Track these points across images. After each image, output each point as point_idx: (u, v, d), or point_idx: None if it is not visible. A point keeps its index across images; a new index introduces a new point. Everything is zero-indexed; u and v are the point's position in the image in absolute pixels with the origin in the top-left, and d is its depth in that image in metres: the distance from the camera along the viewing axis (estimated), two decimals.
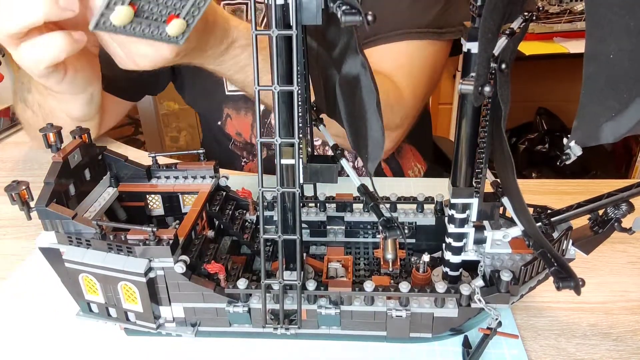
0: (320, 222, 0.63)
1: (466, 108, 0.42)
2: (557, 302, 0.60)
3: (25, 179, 0.49)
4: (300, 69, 0.41)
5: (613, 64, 0.32)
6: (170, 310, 0.53)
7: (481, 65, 0.35)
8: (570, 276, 0.38)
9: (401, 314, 0.50)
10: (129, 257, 0.49)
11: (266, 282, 0.48)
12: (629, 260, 0.67)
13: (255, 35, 0.38)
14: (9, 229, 0.78)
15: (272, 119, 0.50)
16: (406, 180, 0.88)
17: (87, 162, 0.56)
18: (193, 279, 0.50)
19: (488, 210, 0.48)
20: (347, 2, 0.34)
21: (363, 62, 0.39)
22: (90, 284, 0.52)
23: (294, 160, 0.45)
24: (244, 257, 0.60)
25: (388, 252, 0.53)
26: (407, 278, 0.55)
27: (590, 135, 0.35)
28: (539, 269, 0.47)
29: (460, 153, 0.44)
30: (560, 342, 0.55)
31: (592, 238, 0.48)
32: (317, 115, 0.56)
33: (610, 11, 0.31)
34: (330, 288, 0.49)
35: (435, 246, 0.59)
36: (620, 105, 0.33)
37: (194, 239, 0.55)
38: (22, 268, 0.69)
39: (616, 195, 0.45)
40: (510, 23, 0.38)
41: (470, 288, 0.47)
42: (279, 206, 0.45)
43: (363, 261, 0.61)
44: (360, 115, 0.42)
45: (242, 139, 1.06)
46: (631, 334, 0.56)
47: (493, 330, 0.47)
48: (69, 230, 0.50)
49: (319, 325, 0.52)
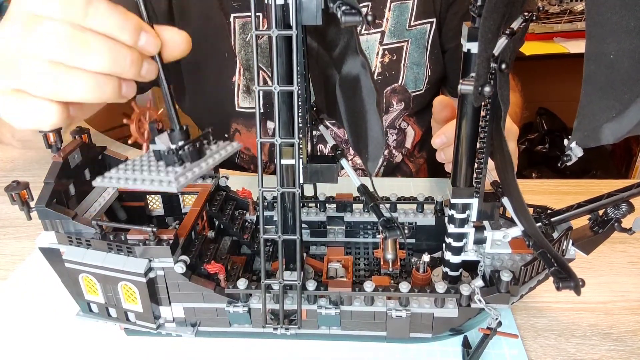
0: (320, 222, 0.63)
1: (466, 108, 0.42)
2: (557, 302, 0.60)
3: (25, 179, 0.49)
4: (300, 69, 0.41)
5: (613, 64, 0.32)
6: (170, 310, 0.53)
7: (481, 66, 0.35)
8: (570, 276, 0.38)
9: (401, 314, 0.50)
10: (129, 257, 0.49)
11: (266, 282, 0.48)
12: (629, 260, 0.67)
13: (255, 35, 0.38)
14: (9, 229, 0.78)
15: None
16: (406, 180, 0.88)
17: (87, 162, 0.56)
18: (193, 279, 0.50)
19: (488, 210, 0.48)
20: (347, 2, 0.34)
21: (363, 62, 0.39)
22: (90, 284, 0.52)
23: (294, 160, 0.45)
24: (244, 257, 0.60)
25: (388, 252, 0.53)
26: (407, 278, 0.55)
27: (590, 136, 0.35)
28: (539, 269, 0.47)
29: (460, 153, 0.44)
30: (560, 342, 0.55)
31: (592, 238, 0.48)
32: (317, 115, 0.56)
33: (610, 11, 0.31)
34: (330, 288, 0.49)
35: (435, 246, 0.59)
36: (621, 105, 0.33)
37: (194, 239, 0.55)
38: (22, 268, 0.69)
39: (616, 195, 0.45)
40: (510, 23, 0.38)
41: (470, 288, 0.47)
42: (279, 206, 0.45)
43: (363, 261, 0.61)
44: (360, 116, 0.42)
45: (250, 153, 1.05)
46: (631, 334, 0.56)
47: (493, 330, 0.47)
48: (69, 230, 0.50)
49: (319, 325, 0.52)
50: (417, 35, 0.91)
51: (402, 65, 0.93)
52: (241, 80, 0.94)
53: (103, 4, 0.41)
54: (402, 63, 0.92)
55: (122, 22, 0.42)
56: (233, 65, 0.93)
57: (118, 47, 0.42)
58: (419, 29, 0.91)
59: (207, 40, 0.93)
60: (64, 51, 0.41)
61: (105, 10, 0.41)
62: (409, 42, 0.92)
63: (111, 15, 0.41)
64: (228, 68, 0.93)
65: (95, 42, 0.41)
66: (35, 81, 0.42)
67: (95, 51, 0.41)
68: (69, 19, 0.40)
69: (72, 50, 0.41)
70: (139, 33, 0.43)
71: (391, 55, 0.92)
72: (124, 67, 0.42)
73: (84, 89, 0.43)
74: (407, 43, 0.92)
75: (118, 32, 0.42)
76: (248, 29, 0.90)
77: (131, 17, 0.42)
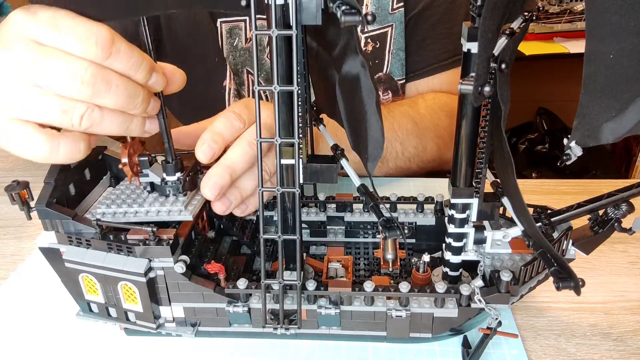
0: (320, 222, 0.63)
1: (466, 108, 0.42)
2: (557, 302, 0.60)
3: (25, 179, 0.49)
4: (300, 69, 0.41)
5: (613, 64, 0.32)
6: (170, 310, 0.53)
7: (481, 65, 0.35)
8: (570, 276, 0.38)
9: (401, 314, 0.50)
10: (129, 257, 0.49)
11: (266, 282, 0.48)
12: (629, 260, 0.67)
13: (255, 35, 0.38)
14: (9, 229, 0.78)
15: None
16: (406, 180, 0.88)
17: (87, 162, 0.56)
18: (193, 279, 0.50)
19: (488, 210, 0.48)
20: (347, 2, 0.34)
21: (363, 62, 0.39)
22: (90, 284, 0.52)
23: (294, 160, 0.45)
24: (244, 257, 0.60)
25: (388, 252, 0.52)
26: (407, 278, 0.55)
27: (590, 135, 0.35)
28: (539, 269, 0.47)
29: (460, 153, 0.44)
30: (560, 342, 0.55)
31: (592, 238, 0.48)
32: (317, 115, 0.56)
33: (610, 11, 0.31)
34: (330, 288, 0.49)
35: (435, 246, 0.59)
36: (620, 105, 0.33)
37: (194, 239, 0.55)
38: (22, 268, 0.69)
39: (616, 195, 0.45)
40: (510, 23, 0.38)
41: (470, 288, 0.47)
42: (278, 206, 0.45)
43: (363, 261, 0.61)
44: (360, 115, 0.41)
45: None
46: (631, 334, 0.56)
47: (493, 330, 0.47)
48: (69, 230, 0.50)
49: (319, 325, 0.52)
50: (401, 19, 0.89)
51: (387, 52, 0.91)
52: (232, 85, 0.94)
53: (124, 45, 0.41)
54: (387, 50, 0.90)
55: (139, 63, 0.43)
56: (223, 69, 0.93)
57: (133, 86, 0.43)
58: (403, 12, 0.89)
59: (196, 45, 0.93)
60: (86, 90, 0.41)
61: (126, 51, 0.41)
62: (393, 26, 0.89)
63: (131, 56, 0.42)
64: (218, 72, 0.93)
65: (115, 82, 0.42)
66: (60, 116, 0.42)
67: (114, 91, 0.42)
68: (91, 58, 0.40)
69: (94, 89, 0.41)
70: (151, 73, 0.44)
71: (374, 43, 0.90)
72: (137, 105, 0.44)
73: (114, 123, 0.44)
74: (391, 28, 0.89)
75: (134, 72, 0.43)
76: (235, 34, 0.90)
77: (146, 58, 0.43)
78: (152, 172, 0.52)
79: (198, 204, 0.52)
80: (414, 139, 0.87)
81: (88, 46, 0.40)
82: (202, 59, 0.94)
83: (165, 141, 0.50)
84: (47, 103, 0.41)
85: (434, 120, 0.89)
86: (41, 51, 0.40)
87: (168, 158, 0.51)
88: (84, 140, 0.45)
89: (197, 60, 0.94)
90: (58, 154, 0.44)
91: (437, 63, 0.93)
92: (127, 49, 0.41)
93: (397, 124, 0.86)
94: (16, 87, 0.41)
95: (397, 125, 0.86)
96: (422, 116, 0.89)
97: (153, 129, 0.48)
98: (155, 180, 0.53)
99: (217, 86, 0.94)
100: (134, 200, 0.52)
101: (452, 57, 0.92)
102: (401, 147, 0.87)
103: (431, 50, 0.92)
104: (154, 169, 0.53)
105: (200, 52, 0.94)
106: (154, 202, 0.52)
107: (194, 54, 0.94)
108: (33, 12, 0.40)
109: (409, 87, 0.95)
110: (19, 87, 0.41)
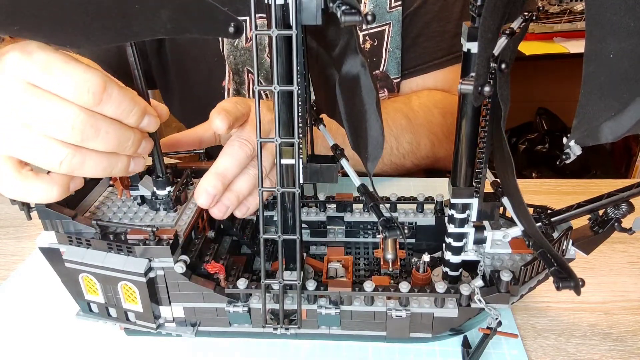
0: (320, 222, 0.63)
1: (466, 108, 0.42)
2: (557, 302, 0.60)
3: None
4: (300, 69, 0.41)
5: (613, 64, 0.32)
6: (170, 310, 0.53)
7: (481, 65, 0.35)
8: (570, 276, 0.38)
9: (401, 314, 0.50)
10: (129, 257, 0.49)
11: (266, 282, 0.48)
12: (629, 260, 0.67)
13: (255, 35, 0.38)
14: (9, 229, 0.78)
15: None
16: (406, 180, 0.88)
17: None
18: (193, 279, 0.50)
19: (488, 210, 0.48)
20: (347, 2, 0.34)
21: (363, 62, 0.39)
22: (90, 284, 0.52)
23: (294, 160, 0.45)
24: (244, 257, 0.60)
25: (388, 252, 0.52)
26: (407, 278, 0.55)
27: (589, 134, 0.35)
28: (539, 269, 0.47)
29: (460, 153, 0.44)
30: (560, 342, 0.55)
31: (592, 238, 0.48)
32: (317, 115, 0.56)
33: (610, 11, 0.31)
34: (330, 288, 0.49)
35: (435, 246, 0.59)
36: (620, 104, 0.33)
37: (194, 239, 0.55)
38: (22, 268, 0.69)
39: (616, 195, 0.45)
40: (510, 23, 0.38)
41: (470, 288, 0.47)
42: (278, 206, 0.45)
43: (363, 261, 0.61)
44: (360, 115, 0.42)
45: None
46: (631, 334, 0.56)
47: (493, 330, 0.47)
48: (69, 230, 0.50)
49: (319, 325, 0.52)
50: (399, 17, 0.89)
51: (384, 50, 0.91)
52: (231, 85, 0.94)
53: (115, 90, 0.41)
54: (384, 48, 0.91)
55: (131, 108, 0.43)
56: (222, 69, 0.93)
57: (123, 130, 0.43)
58: (400, 10, 0.89)
59: (195, 46, 0.93)
60: (76, 135, 0.41)
61: (117, 96, 0.42)
62: (391, 24, 0.89)
63: (122, 101, 0.42)
64: (217, 72, 0.93)
65: (105, 127, 0.42)
66: (41, 157, 0.42)
67: (103, 137, 0.42)
68: (82, 103, 0.40)
69: (83, 135, 0.41)
70: (143, 117, 0.44)
71: (372, 41, 0.90)
72: (127, 148, 0.44)
73: (97, 168, 0.44)
74: (388, 26, 0.90)
75: (125, 117, 0.43)
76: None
77: (139, 102, 0.44)
78: (142, 186, 0.53)
79: (189, 218, 0.53)
80: (408, 135, 0.87)
81: (80, 93, 0.40)
82: (202, 59, 0.94)
83: (156, 159, 0.51)
84: (32, 143, 0.41)
85: (427, 117, 0.89)
86: (34, 93, 0.40)
87: (158, 173, 0.52)
88: (60, 185, 0.44)
89: (197, 61, 0.94)
90: (30, 195, 0.44)
91: (431, 61, 0.93)
92: (119, 95, 0.41)
93: (391, 120, 0.86)
94: (5, 124, 0.41)
95: (391, 120, 0.86)
96: (415, 113, 0.89)
97: (137, 169, 0.48)
98: (146, 194, 0.53)
99: (217, 86, 0.94)
100: (124, 213, 0.53)
101: (447, 56, 0.92)
102: (396, 142, 0.87)
103: (425, 48, 0.92)
104: (144, 182, 0.53)
105: (200, 53, 0.94)
106: (144, 217, 0.52)
107: (194, 55, 0.94)
108: (29, 52, 0.39)
109: (404, 85, 0.95)
110: (8, 124, 0.41)
